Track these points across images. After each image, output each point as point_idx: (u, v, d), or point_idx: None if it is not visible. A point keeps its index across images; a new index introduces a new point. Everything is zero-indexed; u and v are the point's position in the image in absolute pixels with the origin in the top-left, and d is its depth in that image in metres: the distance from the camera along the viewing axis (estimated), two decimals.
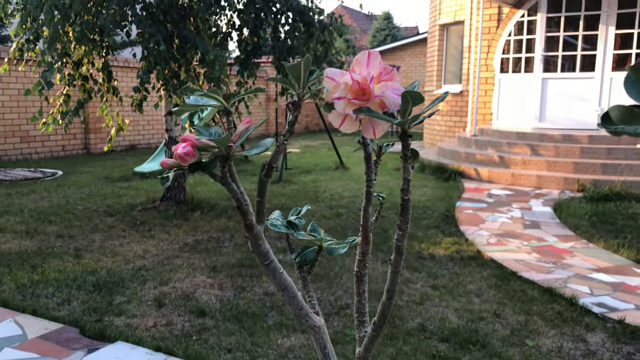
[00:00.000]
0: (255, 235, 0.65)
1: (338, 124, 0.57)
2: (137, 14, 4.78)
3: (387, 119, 0.55)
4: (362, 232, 0.72)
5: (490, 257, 4.27)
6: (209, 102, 0.61)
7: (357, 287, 0.71)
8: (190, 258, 4.19)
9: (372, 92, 0.53)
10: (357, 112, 0.54)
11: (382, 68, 0.54)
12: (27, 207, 5.86)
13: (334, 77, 0.54)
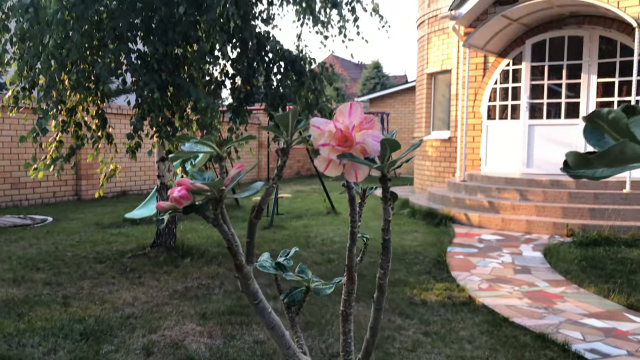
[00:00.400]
0: (244, 275, 0.67)
1: (323, 169, 0.62)
2: (132, 62, 4.90)
3: (367, 164, 0.59)
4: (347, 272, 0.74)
5: (482, 303, 4.26)
6: (203, 149, 0.65)
7: (343, 326, 0.74)
8: (180, 305, 4.14)
9: (354, 139, 0.58)
10: (340, 157, 0.58)
11: (363, 117, 0.58)
12: (15, 254, 5.79)
13: (319, 126, 0.58)
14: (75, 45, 4.63)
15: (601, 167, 0.43)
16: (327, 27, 6.19)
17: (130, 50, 5.03)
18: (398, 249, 6.29)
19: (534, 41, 9.34)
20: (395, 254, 6.02)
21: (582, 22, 8.89)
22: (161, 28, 5.15)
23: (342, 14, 5.90)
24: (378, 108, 19.65)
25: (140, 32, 5.23)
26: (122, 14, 4.93)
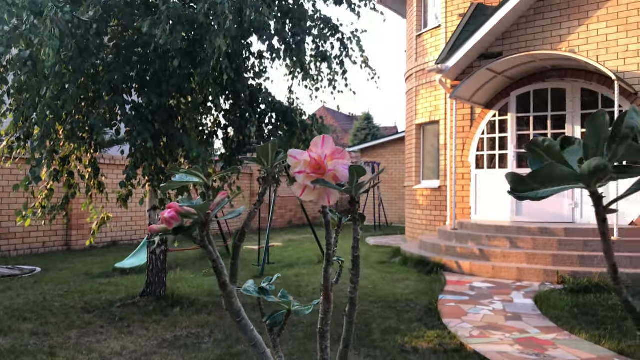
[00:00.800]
0: (228, 294, 0.72)
1: (299, 194, 0.68)
2: (126, 113, 5.02)
3: (337, 188, 0.66)
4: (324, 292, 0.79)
5: (473, 350, 4.24)
6: (192, 179, 0.72)
7: (321, 343, 0.78)
8: (169, 355, 4.09)
9: (326, 167, 0.64)
10: (314, 182, 0.65)
11: (334, 149, 0.65)
12: (2, 305, 5.72)
13: (295, 156, 0.65)
14: (70, 97, 4.76)
15: (536, 186, 0.49)
16: (317, 80, 6.39)
17: (125, 102, 5.17)
18: (389, 297, 6.27)
19: (518, 93, 9.65)
20: (387, 302, 6.00)
21: (565, 75, 9.22)
22: (155, 80, 5.31)
23: (332, 67, 6.11)
24: (369, 158, 19.90)
25: (135, 84, 5.39)
26: (117, 67, 5.10)
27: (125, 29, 5.30)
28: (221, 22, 4.57)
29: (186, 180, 0.72)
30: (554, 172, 0.46)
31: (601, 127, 0.47)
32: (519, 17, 9.66)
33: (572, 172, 0.46)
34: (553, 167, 0.46)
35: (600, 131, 0.47)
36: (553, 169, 0.46)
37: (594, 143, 0.47)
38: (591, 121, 0.47)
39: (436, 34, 11.44)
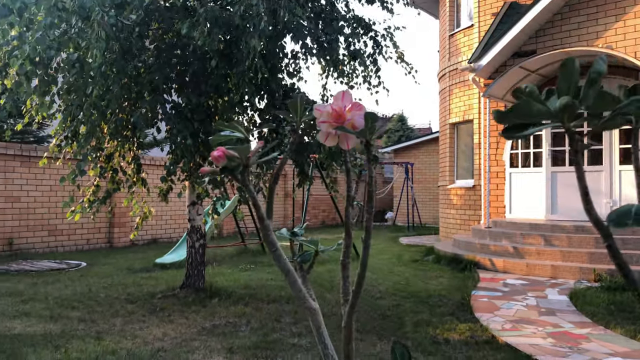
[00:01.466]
0: (265, 227, 0.85)
1: (323, 140, 0.81)
2: (167, 112, 5.26)
3: (355, 133, 0.78)
4: (345, 228, 0.91)
5: (504, 342, 4.28)
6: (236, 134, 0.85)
7: (343, 273, 0.90)
8: (208, 340, 4.27)
9: (345, 117, 0.77)
10: (336, 129, 0.77)
11: (353, 103, 0.78)
12: (52, 295, 6.03)
13: (320, 109, 0.78)
14: (114, 97, 5.02)
15: (517, 120, 0.60)
16: (352, 77, 6.48)
17: (165, 101, 5.40)
18: (422, 292, 6.33)
19: None
20: (419, 297, 6.07)
21: None
22: (194, 81, 5.54)
23: (366, 65, 6.19)
24: (402, 159, 19.88)
25: (175, 85, 5.63)
26: (158, 68, 5.34)
27: (165, 31, 5.54)
28: (256, 24, 4.74)
29: (231, 135, 0.85)
30: (531, 108, 0.57)
31: (571, 72, 0.58)
32: (554, 15, 9.57)
33: (547, 109, 0.57)
34: (529, 103, 0.57)
35: (571, 76, 0.58)
36: (530, 105, 0.57)
37: (566, 86, 0.58)
38: (563, 68, 0.58)
39: (469, 33, 11.41)
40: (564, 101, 0.55)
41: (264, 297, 5.96)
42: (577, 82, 0.59)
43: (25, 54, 4.24)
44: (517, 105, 0.57)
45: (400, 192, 18.85)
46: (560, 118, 0.57)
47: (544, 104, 0.57)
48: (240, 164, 0.80)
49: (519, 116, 0.58)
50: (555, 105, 0.56)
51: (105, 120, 5.31)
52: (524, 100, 0.57)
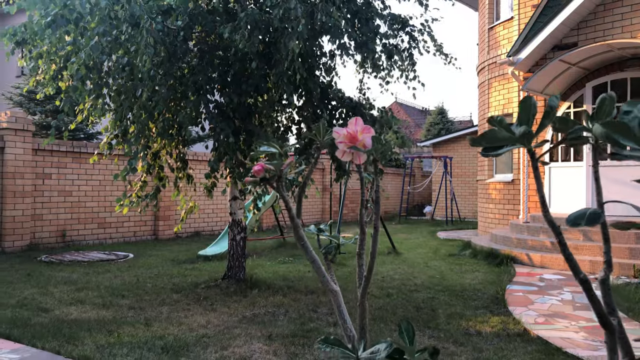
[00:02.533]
0: (295, 225, 1.03)
1: (341, 156, 0.98)
2: (210, 111, 5.52)
3: (364, 151, 0.95)
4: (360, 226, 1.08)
5: (536, 335, 4.36)
6: (272, 150, 1.03)
7: (358, 261, 1.07)
8: (248, 328, 4.53)
9: (358, 138, 0.95)
10: (350, 148, 0.95)
11: (364, 127, 0.95)
12: (103, 284, 6.43)
13: (338, 132, 0.96)
14: (162, 98, 5.32)
15: (487, 145, 0.76)
16: (389, 73, 6.58)
17: (208, 101, 5.68)
18: (457, 286, 6.43)
19: (594, 84, 9.39)
20: (454, 290, 6.17)
21: None
22: (235, 81, 5.78)
23: (403, 59, 6.27)
24: (441, 152, 19.79)
25: (217, 85, 5.89)
26: (201, 70, 5.61)
27: (208, 34, 5.80)
28: (294, 26, 4.94)
29: (267, 150, 1.03)
30: (497, 134, 0.73)
31: (529, 106, 0.73)
32: (596, 6, 9.39)
33: (511, 136, 0.73)
34: (495, 131, 0.73)
35: (529, 109, 0.74)
36: (495, 132, 0.73)
37: (525, 118, 0.73)
38: (522, 103, 0.74)
39: (509, 26, 11.30)
40: (522, 129, 0.71)
41: (302, 289, 6.19)
42: (535, 114, 0.75)
43: (81, 60, 4.57)
44: (485, 132, 0.74)
45: (439, 186, 18.79)
46: (521, 142, 0.73)
47: (510, 131, 0.73)
48: (275, 175, 0.99)
49: (489, 141, 0.74)
50: (515, 132, 0.72)
51: (153, 120, 5.62)
52: (492, 130, 0.73)
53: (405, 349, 0.87)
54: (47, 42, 5.23)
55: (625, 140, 0.64)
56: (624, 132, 0.63)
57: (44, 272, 7.18)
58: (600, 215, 0.79)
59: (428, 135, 31.43)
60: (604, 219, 0.81)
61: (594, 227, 8.02)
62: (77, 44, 5.01)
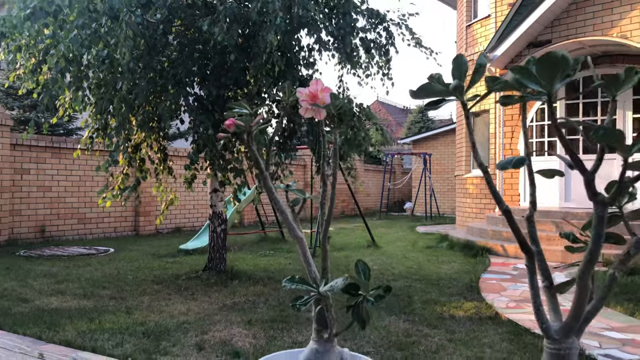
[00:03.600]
0: (264, 177, 1.14)
1: (304, 113, 1.09)
2: (189, 104, 5.59)
3: (323, 107, 1.06)
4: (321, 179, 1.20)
5: (507, 318, 4.53)
6: (243, 111, 1.13)
7: (321, 210, 1.19)
8: (228, 315, 4.62)
9: (318, 97, 1.06)
10: (311, 105, 1.06)
11: (324, 87, 1.07)
12: (84, 277, 6.46)
13: (301, 91, 1.07)
14: (142, 90, 5.37)
15: (423, 97, 0.88)
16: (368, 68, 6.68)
17: (188, 94, 5.74)
18: (433, 275, 6.59)
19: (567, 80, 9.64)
20: (430, 279, 6.33)
21: (615, 61, 9.16)
22: (215, 74, 5.86)
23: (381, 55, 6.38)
24: (421, 149, 20.03)
25: (197, 78, 5.96)
26: (181, 63, 5.67)
27: (187, 28, 5.87)
28: (272, 19, 5.04)
29: (240, 112, 1.14)
30: (434, 88, 0.84)
31: (461, 64, 0.85)
32: (569, 4, 9.65)
33: (444, 88, 0.85)
34: (432, 85, 0.85)
35: (460, 67, 0.85)
36: (432, 86, 0.84)
37: (457, 73, 0.85)
38: (454, 61, 0.86)
39: (486, 23, 11.53)
40: (455, 83, 0.83)
41: (282, 279, 6.29)
42: (466, 71, 0.87)
43: (60, 52, 4.61)
44: (424, 85, 0.85)
45: (418, 183, 19.04)
46: (454, 94, 0.85)
47: (444, 85, 0.85)
48: (245, 130, 1.10)
49: (427, 93, 0.86)
50: (449, 86, 0.84)
51: (133, 112, 5.67)
52: (429, 83, 0.85)
53: (360, 283, 0.98)
54: (25, 35, 5.25)
55: (527, 81, 0.75)
56: (526, 75, 0.75)
57: (23, 266, 7.17)
58: (525, 160, 0.91)
59: (409, 134, 31.74)
60: (529, 163, 0.93)
61: (566, 220, 8.27)
62: (56, 37, 5.04)
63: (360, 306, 1.00)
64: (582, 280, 0.96)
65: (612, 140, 0.79)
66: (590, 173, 0.88)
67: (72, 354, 3.50)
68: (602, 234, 0.92)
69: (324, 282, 1.01)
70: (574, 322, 0.96)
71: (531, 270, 0.86)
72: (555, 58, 0.77)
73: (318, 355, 1.01)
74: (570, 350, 1.00)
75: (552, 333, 0.99)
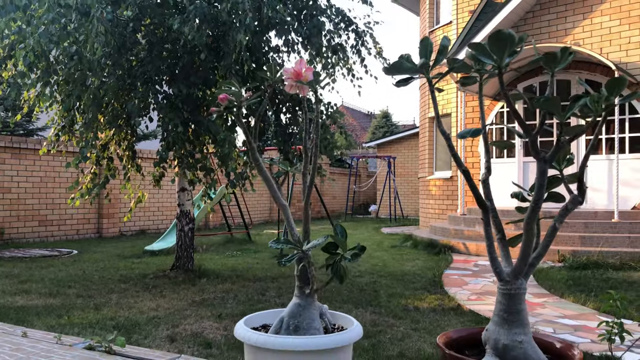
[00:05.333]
0: (252, 148, 1.25)
1: (288, 89, 1.21)
2: (159, 102, 5.63)
3: (306, 84, 1.19)
4: (304, 152, 1.31)
5: (469, 309, 4.73)
6: (232, 89, 1.24)
7: (303, 179, 1.31)
8: (198, 310, 4.67)
9: (302, 74, 1.18)
10: (296, 82, 1.18)
11: (307, 67, 1.19)
12: (48, 277, 6.37)
13: (286, 70, 1.19)
14: (111, 87, 5.38)
15: (394, 74, 1.01)
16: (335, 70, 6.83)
17: (157, 92, 5.77)
18: (398, 272, 6.78)
19: (524, 85, 10.06)
20: (395, 275, 6.51)
21: (569, 67, 9.61)
22: (184, 73, 5.90)
23: (348, 58, 6.56)
24: (385, 152, 20.36)
25: (166, 77, 5.99)
26: (150, 61, 5.70)
27: (157, 26, 5.90)
28: (242, 19, 5.13)
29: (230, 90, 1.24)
30: (403, 65, 0.98)
31: (427, 45, 0.99)
32: (526, 12, 10.08)
33: (413, 66, 0.98)
34: (402, 62, 0.98)
35: (426, 47, 0.99)
36: (402, 63, 0.98)
37: (424, 53, 0.99)
38: (421, 42, 0.99)
39: (448, 30, 11.89)
40: (422, 61, 0.97)
41: (250, 277, 6.36)
42: (432, 51, 1.01)
43: (29, 47, 4.59)
44: (394, 62, 0.99)
45: (383, 186, 19.34)
46: (421, 71, 0.99)
47: (412, 63, 0.98)
48: (236, 105, 1.21)
49: (398, 70, 0.99)
50: (416, 63, 0.98)
51: (101, 110, 5.66)
52: (399, 61, 0.98)
53: (339, 241, 1.11)
54: None
55: (481, 56, 0.89)
56: (481, 50, 0.89)
57: None
58: (481, 130, 1.05)
59: (373, 138, 32.16)
60: (485, 133, 1.07)
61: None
62: (23, 33, 5.00)
63: (338, 263, 1.11)
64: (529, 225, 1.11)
65: (550, 107, 0.93)
66: (533, 135, 1.03)
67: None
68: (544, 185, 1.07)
69: (306, 243, 1.12)
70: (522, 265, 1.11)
71: (486, 222, 1.00)
72: (503, 35, 0.91)
73: (300, 309, 1.12)
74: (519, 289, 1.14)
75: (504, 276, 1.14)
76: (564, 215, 1.18)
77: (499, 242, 1.10)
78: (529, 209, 1.17)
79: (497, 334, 1.44)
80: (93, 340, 2.96)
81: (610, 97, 1.06)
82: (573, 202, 1.12)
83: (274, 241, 1.12)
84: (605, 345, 3.56)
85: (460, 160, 1.04)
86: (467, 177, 1.05)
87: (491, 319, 1.57)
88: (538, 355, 1.38)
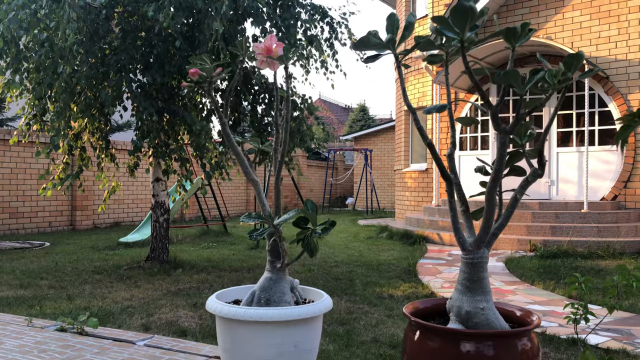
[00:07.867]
0: (223, 123, 1.26)
1: (259, 64, 1.23)
2: (133, 91, 5.56)
3: (276, 60, 1.20)
4: (275, 125, 1.33)
5: (442, 296, 4.81)
6: (204, 65, 1.25)
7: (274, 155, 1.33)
8: (174, 300, 4.66)
9: (272, 50, 1.20)
10: (267, 57, 1.20)
11: (278, 43, 1.21)
12: (19, 269, 6.27)
13: (257, 46, 1.21)
14: (84, 75, 5.29)
15: (362, 49, 1.03)
16: (309, 61, 6.87)
17: (131, 80, 5.70)
18: (374, 262, 6.85)
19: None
20: (371, 265, 6.58)
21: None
22: (159, 62, 5.84)
23: (322, 50, 6.59)
24: (362, 145, 20.46)
25: (140, 65, 5.92)
26: (124, 49, 5.63)
27: (130, 14, 5.82)
28: (218, 7, 5.10)
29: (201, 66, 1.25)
30: (370, 40, 1.00)
31: (394, 21, 1.01)
32: (501, 6, 10.21)
33: (380, 41, 1.00)
34: (369, 37, 1.00)
35: (393, 23, 1.01)
36: (369, 38, 1.00)
37: (390, 29, 1.01)
38: (388, 18, 1.02)
39: (423, 23, 11.97)
40: (388, 37, 0.99)
41: (226, 268, 6.36)
42: (398, 27, 1.03)
43: None
44: (362, 37, 1.01)
45: (360, 178, 19.45)
46: (387, 47, 1.01)
47: (379, 38, 1.00)
48: (207, 80, 1.22)
49: (365, 45, 1.02)
50: (383, 39, 1.00)
51: (73, 99, 5.57)
52: (367, 36, 1.01)
53: (309, 215, 1.13)
54: None
55: (444, 29, 0.92)
56: (444, 23, 0.92)
57: None
58: (447, 106, 1.08)
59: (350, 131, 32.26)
60: (450, 109, 1.10)
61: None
62: None
63: (309, 238, 1.14)
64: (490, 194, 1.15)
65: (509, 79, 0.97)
66: (494, 107, 1.06)
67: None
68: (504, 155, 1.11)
69: (277, 217, 1.14)
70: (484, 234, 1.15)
71: (450, 194, 1.03)
72: (464, 7, 0.94)
73: (271, 282, 1.14)
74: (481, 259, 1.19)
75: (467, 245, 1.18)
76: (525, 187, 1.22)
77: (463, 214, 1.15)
78: (490, 180, 1.21)
79: (460, 302, 1.50)
80: (65, 322, 2.93)
81: (568, 72, 1.10)
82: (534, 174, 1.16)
83: (245, 216, 1.14)
84: (572, 329, 3.67)
85: (425, 133, 1.08)
86: (431, 150, 1.08)
87: (455, 287, 1.63)
88: (499, 321, 1.44)
